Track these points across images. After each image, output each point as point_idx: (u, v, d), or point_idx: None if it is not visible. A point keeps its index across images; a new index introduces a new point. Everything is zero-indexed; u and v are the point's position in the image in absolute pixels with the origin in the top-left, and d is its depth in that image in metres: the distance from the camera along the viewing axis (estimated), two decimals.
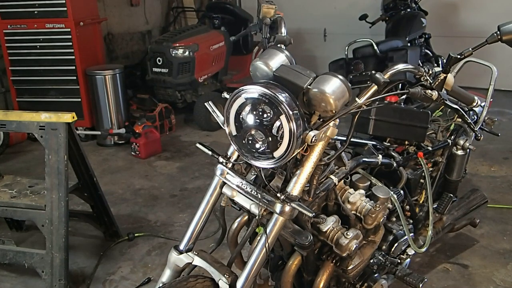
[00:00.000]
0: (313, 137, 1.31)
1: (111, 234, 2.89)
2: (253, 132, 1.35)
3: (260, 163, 1.40)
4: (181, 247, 1.62)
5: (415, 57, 3.96)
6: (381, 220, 1.68)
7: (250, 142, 1.36)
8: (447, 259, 2.60)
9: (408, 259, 2.08)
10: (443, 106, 2.19)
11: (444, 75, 1.55)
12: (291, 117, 1.27)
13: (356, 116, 1.45)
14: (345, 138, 1.52)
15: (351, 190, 1.70)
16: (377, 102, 1.56)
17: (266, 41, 1.61)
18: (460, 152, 2.28)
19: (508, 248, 2.69)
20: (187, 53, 4.77)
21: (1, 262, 2.53)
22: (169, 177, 3.84)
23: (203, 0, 6.68)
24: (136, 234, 2.92)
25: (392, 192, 1.74)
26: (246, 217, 1.73)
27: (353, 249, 1.55)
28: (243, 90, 1.34)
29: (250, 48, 5.64)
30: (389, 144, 2.01)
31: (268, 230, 1.43)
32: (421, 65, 3.71)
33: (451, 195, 2.24)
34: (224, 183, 1.57)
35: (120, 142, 4.59)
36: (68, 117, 2.34)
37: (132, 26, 6.06)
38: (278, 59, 1.44)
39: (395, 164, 1.91)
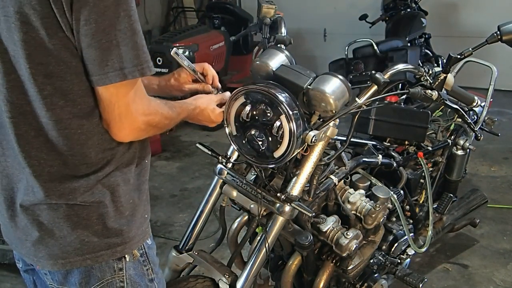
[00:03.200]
0: (313, 137, 1.31)
1: None
2: (253, 132, 1.35)
3: (260, 163, 1.40)
4: (181, 247, 1.62)
5: (415, 57, 3.95)
6: (381, 220, 1.68)
7: (250, 142, 1.37)
8: (447, 259, 2.60)
9: (408, 259, 2.08)
10: (443, 106, 2.19)
11: (444, 75, 1.55)
12: (291, 117, 1.27)
13: (356, 116, 1.45)
14: (345, 138, 1.52)
15: (351, 190, 1.70)
16: (377, 102, 1.57)
17: (266, 41, 1.61)
18: (460, 152, 2.28)
19: (508, 248, 2.69)
20: (187, 53, 4.76)
21: (1, 262, 2.53)
22: (169, 177, 3.84)
23: (203, 0, 6.67)
24: None
25: (392, 192, 1.74)
26: (246, 217, 1.73)
27: (353, 249, 1.55)
28: (243, 90, 1.34)
29: (250, 48, 5.64)
30: (389, 144, 2.01)
31: (268, 230, 1.43)
32: (421, 65, 3.71)
33: (451, 195, 2.23)
34: (224, 183, 1.57)
35: None
36: None
37: None
38: (278, 59, 1.44)
39: (395, 164, 1.91)
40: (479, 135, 2.03)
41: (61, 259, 1.04)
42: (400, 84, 2.77)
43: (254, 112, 1.33)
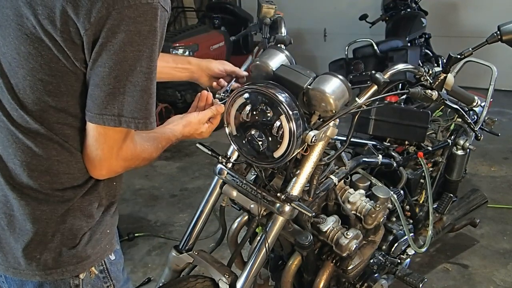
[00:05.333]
0: (313, 137, 1.31)
1: None
2: (253, 132, 1.35)
3: (260, 163, 1.40)
4: (181, 247, 1.62)
5: (415, 57, 3.95)
6: (381, 220, 1.68)
7: (250, 142, 1.36)
8: (447, 259, 2.60)
9: (408, 259, 2.08)
10: (443, 106, 2.19)
11: (444, 75, 1.55)
12: (291, 117, 1.27)
13: (356, 116, 1.44)
14: (345, 138, 1.52)
15: (351, 190, 1.70)
16: (377, 102, 1.56)
17: (266, 41, 1.60)
18: (460, 152, 2.28)
19: (508, 248, 2.69)
20: (187, 53, 4.76)
21: None
22: (169, 177, 3.84)
23: (203, 0, 6.67)
24: (136, 234, 2.91)
25: (392, 192, 1.74)
26: (246, 217, 1.73)
27: (353, 249, 1.55)
28: (243, 90, 1.34)
29: (250, 48, 5.63)
30: (389, 144, 2.01)
31: (268, 230, 1.43)
32: (421, 65, 3.70)
33: (451, 195, 2.23)
34: (224, 183, 1.57)
35: None
36: None
37: None
38: (278, 59, 1.44)
39: (395, 164, 1.91)
40: (479, 135, 2.03)
41: (12, 268, 1.02)
42: (400, 84, 2.77)
43: (254, 112, 1.33)
